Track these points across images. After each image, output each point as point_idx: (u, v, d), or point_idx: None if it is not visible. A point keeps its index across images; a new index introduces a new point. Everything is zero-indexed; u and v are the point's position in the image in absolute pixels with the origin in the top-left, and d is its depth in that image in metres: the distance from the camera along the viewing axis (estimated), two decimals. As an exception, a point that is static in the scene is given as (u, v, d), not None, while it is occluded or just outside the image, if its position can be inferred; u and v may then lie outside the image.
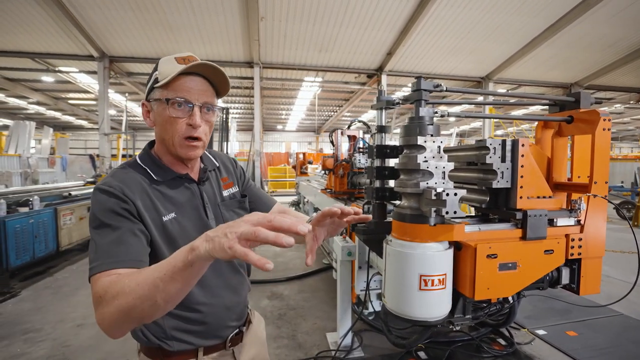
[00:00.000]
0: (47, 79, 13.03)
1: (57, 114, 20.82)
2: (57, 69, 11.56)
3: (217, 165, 1.07)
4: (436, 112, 1.57)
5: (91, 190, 5.72)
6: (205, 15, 8.57)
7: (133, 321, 0.64)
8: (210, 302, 0.93)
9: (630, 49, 10.47)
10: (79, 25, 8.57)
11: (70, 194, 5.05)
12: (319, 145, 26.85)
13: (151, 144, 0.97)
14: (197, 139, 0.88)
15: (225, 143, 11.24)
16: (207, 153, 1.07)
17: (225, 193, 1.04)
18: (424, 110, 1.54)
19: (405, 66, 11.65)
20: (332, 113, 21.24)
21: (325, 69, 11.64)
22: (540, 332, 2.76)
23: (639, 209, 7.76)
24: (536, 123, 1.88)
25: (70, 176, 11.67)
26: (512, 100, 13.94)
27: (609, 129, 1.62)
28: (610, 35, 9.67)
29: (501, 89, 13.92)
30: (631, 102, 14.99)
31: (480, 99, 10.67)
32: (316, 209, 6.76)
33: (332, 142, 3.67)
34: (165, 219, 0.87)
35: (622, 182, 10.33)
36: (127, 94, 12.77)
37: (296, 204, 9.84)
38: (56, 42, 9.56)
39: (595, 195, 1.62)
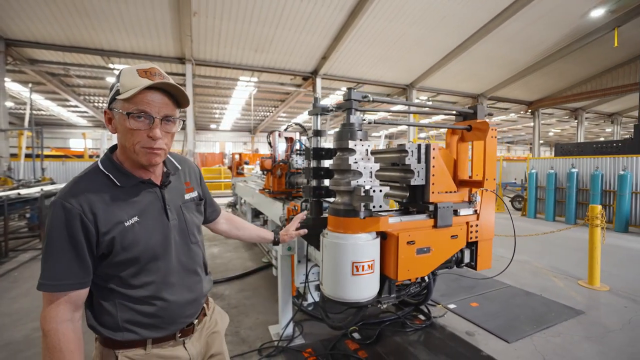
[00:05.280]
0: None
1: None
2: None
3: (179, 168, 1.13)
4: (364, 119, 1.79)
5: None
6: (129, 4, 7.87)
7: None
8: (166, 299, 0.99)
9: (521, 68, 12.77)
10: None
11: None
12: (255, 146, 26.43)
13: (112, 148, 1.00)
14: (156, 148, 0.92)
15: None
16: (170, 157, 1.12)
17: (187, 196, 1.11)
18: (354, 118, 1.75)
19: (338, 71, 12.20)
20: (268, 113, 21.11)
21: (261, 69, 11.58)
22: (452, 306, 3.26)
23: (526, 201, 9.36)
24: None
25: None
26: (415, 109, 15.43)
27: (495, 137, 2.03)
28: (507, 56, 11.60)
29: (423, 96, 15.46)
30: (522, 112, 18.02)
31: (400, 106, 11.71)
32: (254, 210, 6.74)
33: (269, 143, 3.74)
34: (127, 224, 0.92)
35: (515, 179, 12.36)
36: (30, 84, 11.05)
37: (233, 205, 9.62)
38: None
39: (487, 190, 2.01)
